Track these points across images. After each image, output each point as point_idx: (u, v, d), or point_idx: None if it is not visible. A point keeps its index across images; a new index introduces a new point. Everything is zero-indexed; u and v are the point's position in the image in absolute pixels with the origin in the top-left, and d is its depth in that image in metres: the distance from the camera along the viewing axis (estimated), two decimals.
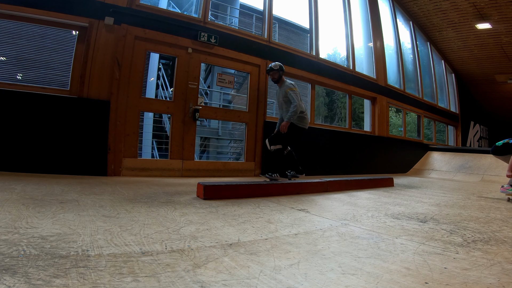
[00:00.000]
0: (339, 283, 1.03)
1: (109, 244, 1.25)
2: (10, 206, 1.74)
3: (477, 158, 7.38)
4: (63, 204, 1.92)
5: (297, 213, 2.17)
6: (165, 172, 4.11)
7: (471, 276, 1.12)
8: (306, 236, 1.60)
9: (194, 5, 6.95)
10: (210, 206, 2.23)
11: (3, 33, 3.51)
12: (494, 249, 1.48)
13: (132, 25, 3.94)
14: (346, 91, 6.75)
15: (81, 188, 2.58)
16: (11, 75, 3.62)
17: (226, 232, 1.58)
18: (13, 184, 2.48)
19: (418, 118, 9.39)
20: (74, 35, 3.79)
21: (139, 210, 1.93)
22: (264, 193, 2.87)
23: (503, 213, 2.57)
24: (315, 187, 3.38)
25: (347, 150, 6.38)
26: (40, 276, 0.92)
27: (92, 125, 3.62)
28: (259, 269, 1.11)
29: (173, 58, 4.56)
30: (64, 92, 3.59)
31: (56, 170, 3.37)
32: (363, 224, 1.94)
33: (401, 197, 3.35)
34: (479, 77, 11.69)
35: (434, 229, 1.87)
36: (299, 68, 5.60)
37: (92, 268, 1.01)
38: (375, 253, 1.35)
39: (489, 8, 7.66)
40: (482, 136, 14.62)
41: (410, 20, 9.06)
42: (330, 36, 8.95)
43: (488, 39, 9.04)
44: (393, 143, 7.68)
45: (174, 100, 4.33)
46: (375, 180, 4.31)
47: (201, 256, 1.20)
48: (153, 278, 0.97)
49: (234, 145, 8.62)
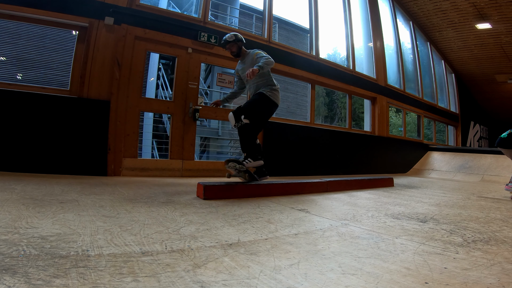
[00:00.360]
0: (339, 283, 1.03)
1: (109, 244, 1.25)
2: (10, 206, 1.74)
3: (477, 158, 7.38)
4: (63, 204, 1.92)
5: (297, 213, 2.17)
6: (165, 172, 4.12)
7: (471, 276, 1.12)
8: (306, 236, 1.60)
9: (194, 5, 6.94)
10: (210, 206, 2.22)
11: (3, 33, 3.51)
12: (494, 249, 1.48)
13: (132, 25, 3.94)
14: (346, 91, 6.75)
15: (81, 188, 2.58)
16: (11, 75, 3.62)
17: (226, 232, 1.58)
18: (13, 184, 2.48)
19: (418, 118, 9.39)
20: (74, 35, 3.80)
21: (139, 210, 1.93)
22: (264, 193, 2.87)
23: (503, 213, 2.57)
24: (315, 187, 3.38)
25: (347, 150, 6.38)
26: (40, 276, 0.92)
27: (92, 125, 3.62)
28: (259, 269, 1.11)
29: (173, 58, 4.56)
30: (64, 92, 3.59)
31: (56, 170, 3.37)
32: (363, 224, 1.93)
33: (401, 197, 3.35)
34: (479, 77, 11.70)
35: (434, 229, 1.87)
36: (299, 68, 5.61)
37: (92, 268, 1.01)
38: (375, 253, 1.35)
39: (489, 8, 7.66)
40: (482, 136, 14.63)
41: (410, 20, 9.06)
42: (330, 36, 8.93)
43: (488, 39, 9.04)
44: (393, 143, 7.68)
45: (174, 100, 4.33)
46: (375, 180, 4.30)
47: (201, 256, 1.20)
48: (153, 278, 0.97)
49: (234, 145, 8.62)
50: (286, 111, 11.92)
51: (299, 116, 11.03)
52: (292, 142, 5.33)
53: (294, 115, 11.53)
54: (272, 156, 5.00)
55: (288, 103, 11.90)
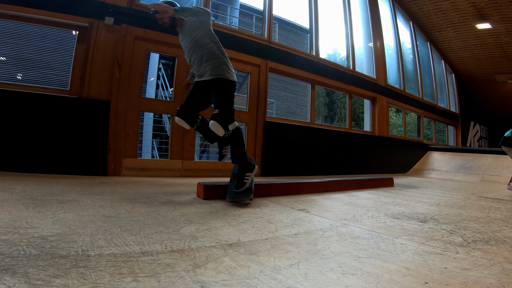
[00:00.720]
0: (339, 283, 1.03)
1: (109, 244, 1.25)
2: (10, 206, 1.74)
3: (477, 158, 7.38)
4: (63, 204, 1.92)
5: (297, 213, 2.17)
6: (165, 172, 4.11)
7: (471, 276, 1.12)
8: (306, 236, 1.60)
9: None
10: (210, 206, 2.23)
11: (3, 33, 3.51)
12: (494, 249, 1.48)
13: (132, 25, 3.94)
14: (346, 91, 6.75)
15: (81, 188, 2.58)
16: (11, 75, 3.62)
17: (226, 232, 1.58)
18: (13, 184, 2.48)
19: (418, 118, 9.39)
20: (74, 35, 3.80)
21: (139, 210, 1.93)
22: (264, 193, 2.87)
23: (503, 213, 2.57)
24: (315, 187, 3.38)
25: (347, 150, 6.38)
26: (40, 276, 0.92)
27: (92, 125, 3.62)
28: (259, 269, 1.11)
29: (173, 58, 4.56)
30: (64, 92, 3.59)
31: (56, 170, 3.37)
32: (363, 224, 1.93)
33: (401, 197, 3.35)
34: (479, 77, 11.70)
35: (434, 229, 1.87)
36: (299, 68, 5.60)
37: (92, 268, 1.01)
38: (375, 253, 1.35)
39: (489, 8, 7.66)
40: (482, 136, 14.63)
41: (410, 20, 9.06)
42: (330, 36, 8.98)
43: (488, 39, 9.04)
44: (393, 143, 7.68)
45: (174, 100, 4.33)
46: (375, 180, 4.31)
47: (201, 256, 1.20)
48: (153, 278, 0.97)
49: None
50: (286, 111, 11.92)
51: (299, 116, 11.04)
52: (292, 142, 5.33)
53: (294, 115, 11.54)
54: (272, 156, 5.01)
55: (288, 103, 11.91)
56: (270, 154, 5.00)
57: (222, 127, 2.43)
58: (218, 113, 2.43)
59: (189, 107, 2.59)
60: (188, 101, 2.60)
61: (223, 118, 2.42)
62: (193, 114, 2.62)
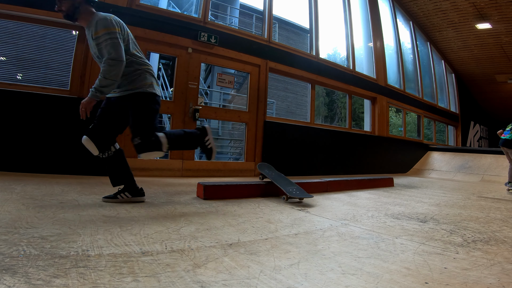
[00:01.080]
0: (339, 283, 1.03)
1: (109, 244, 1.25)
2: (10, 206, 1.74)
3: (477, 158, 7.38)
4: (63, 204, 1.92)
5: (297, 213, 2.17)
6: (165, 172, 4.11)
7: (471, 276, 1.12)
8: (306, 236, 1.60)
9: (194, 5, 6.95)
10: (210, 206, 2.23)
11: (3, 33, 3.50)
12: (494, 249, 1.48)
13: (132, 25, 3.92)
14: (346, 91, 6.75)
15: (81, 188, 2.58)
16: (11, 75, 3.61)
17: (226, 232, 1.58)
18: (13, 184, 2.48)
19: (418, 118, 9.39)
20: (74, 35, 3.79)
21: (139, 210, 1.93)
22: (264, 193, 2.87)
23: (503, 213, 2.57)
24: (315, 187, 3.38)
25: (347, 150, 6.38)
26: (40, 276, 0.92)
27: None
28: (259, 269, 1.11)
29: (173, 58, 4.56)
30: (64, 92, 3.58)
31: (56, 170, 3.37)
32: (363, 224, 1.93)
33: (401, 197, 3.35)
34: (479, 77, 11.70)
35: (434, 229, 1.87)
36: (299, 68, 5.60)
37: (92, 268, 1.01)
38: (375, 253, 1.35)
39: (489, 8, 7.66)
40: (482, 136, 14.63)
41: (410, 20, 9.06)
42: (330, 36, 8.94)
43: (488, 39, 9.04)
44: (393, 143, 7.68)
45: (174, 100, 4.33)
46: (375, 180, 4.31)
47: (201, 256, 1.20)
48: (153, 278, 0.97)
49: (234, 145, 8.62)
50: (286, 111, 11.93)
51: (299, 116, 11.03)
52: (292, 142, 5.33)
53: (294, 115, 11.54)
54: (272, 156, 5.00)
55: (288, 103, 11.91)
56: (270, 154, 5.00)
57: (145, 139, 2.13)
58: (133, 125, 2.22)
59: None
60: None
61: (139, 130, 2.18)
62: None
